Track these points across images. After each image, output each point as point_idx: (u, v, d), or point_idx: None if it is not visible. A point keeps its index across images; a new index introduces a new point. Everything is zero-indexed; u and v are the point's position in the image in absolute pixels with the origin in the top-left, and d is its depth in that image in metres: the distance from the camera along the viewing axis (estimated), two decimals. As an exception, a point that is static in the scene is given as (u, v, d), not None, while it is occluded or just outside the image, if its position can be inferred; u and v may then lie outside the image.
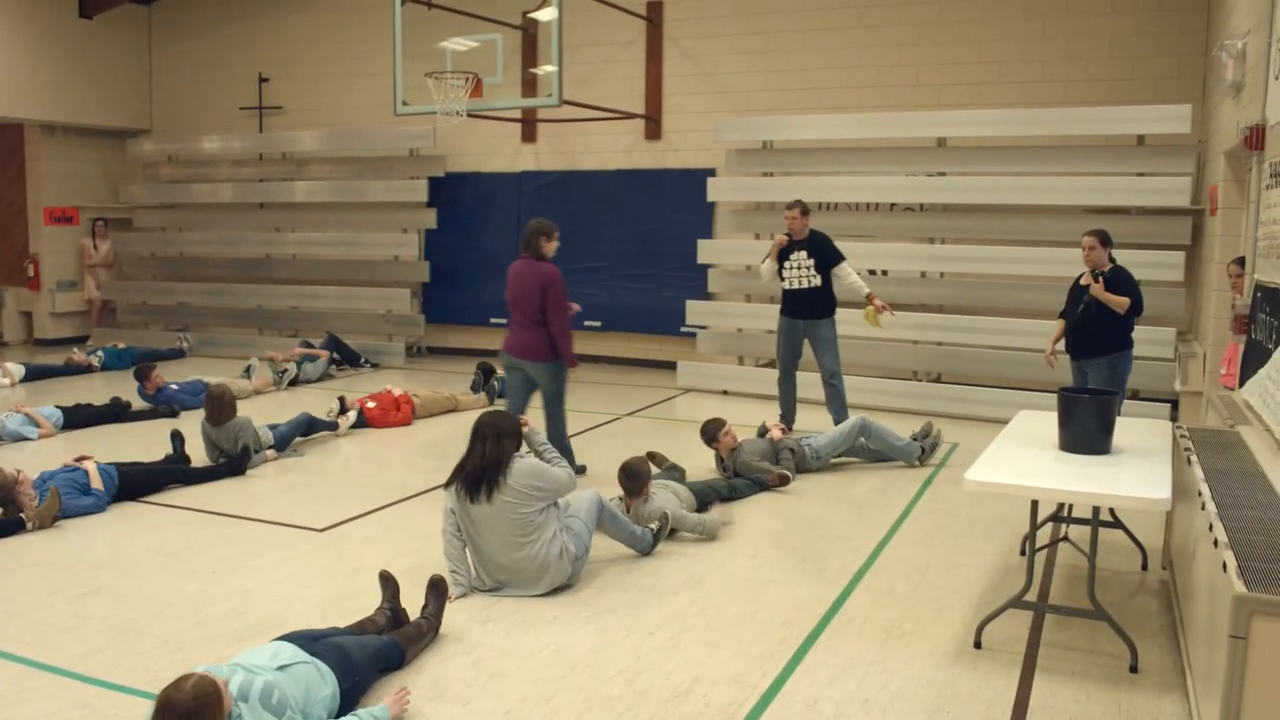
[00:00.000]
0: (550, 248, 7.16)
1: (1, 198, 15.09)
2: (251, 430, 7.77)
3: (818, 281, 8.53)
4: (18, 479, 6.30)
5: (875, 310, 8.44)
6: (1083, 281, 7.09)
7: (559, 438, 7.20)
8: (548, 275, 7.05)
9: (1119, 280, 6.97)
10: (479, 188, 13.59)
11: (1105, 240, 7.04)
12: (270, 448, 7.98)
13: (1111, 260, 7.10)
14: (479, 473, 5.02)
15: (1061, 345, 7.43)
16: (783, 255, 8.61)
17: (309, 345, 12.42)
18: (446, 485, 5.17)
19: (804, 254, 8.54)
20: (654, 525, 5.83)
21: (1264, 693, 2.95)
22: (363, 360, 12.75)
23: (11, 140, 14.83)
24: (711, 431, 7.45)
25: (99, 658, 4.40)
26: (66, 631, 4.68)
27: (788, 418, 8.93)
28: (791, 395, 8.98)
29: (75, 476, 6.58)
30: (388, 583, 4.73)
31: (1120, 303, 6.89)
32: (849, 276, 8.53)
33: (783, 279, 8.68)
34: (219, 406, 7.60)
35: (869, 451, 7.86)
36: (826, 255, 8.52)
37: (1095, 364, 7.10)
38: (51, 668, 4.30)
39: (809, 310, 8.63)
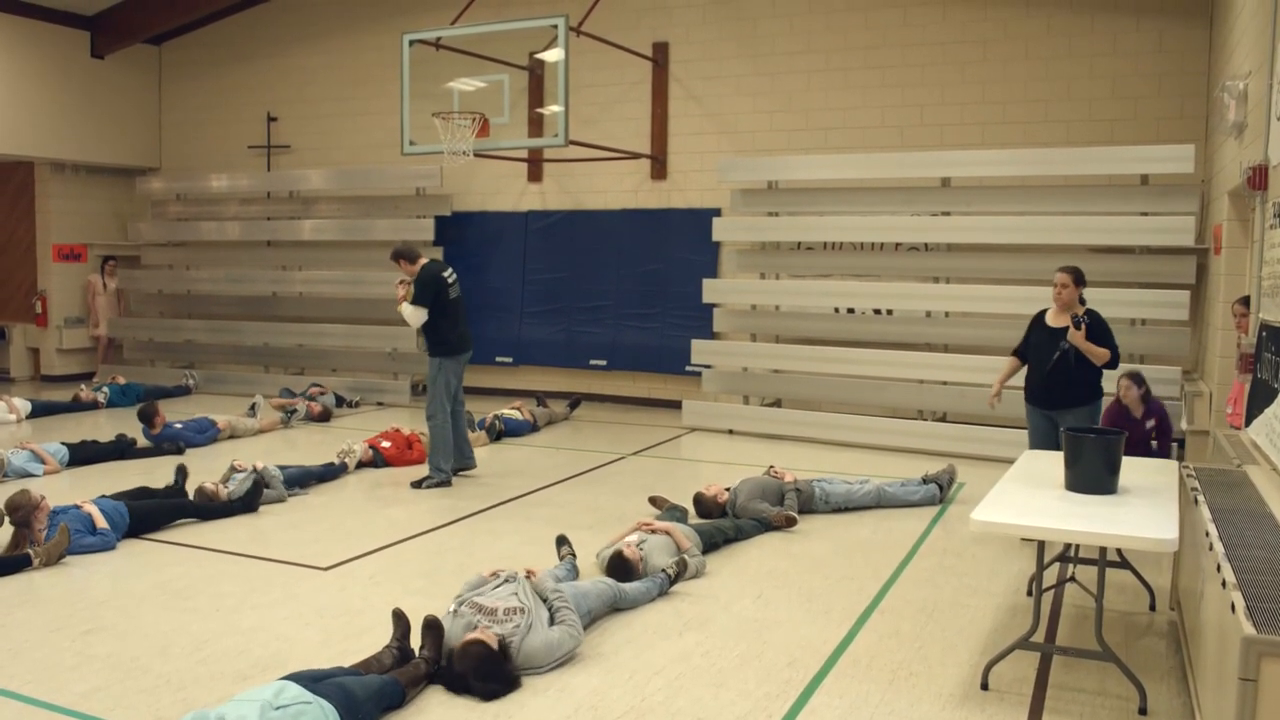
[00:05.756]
0: None
1: (11, 235, 15.20)
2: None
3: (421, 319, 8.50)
4: (39, 504, 6.32)
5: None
6: (1049, 321, 6.78)
7: None
8: None
9: (1098, 328, 6.65)
10: (485, 227, 13.66)
11: (1079, 279, 6.74)
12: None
13: (1082, 301, 6.79)
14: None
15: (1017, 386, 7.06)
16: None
17: (291, 394, 12.36)
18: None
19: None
20: (670, 571, 5.80)
21: (1275, 736, 2.92)
22: (350, 401, 12.72)
23: (22, 178, 14.96)
24: (703, 502, 7.40)
25: (100, 696, 4.38)
26: (69, 669, 4.66)
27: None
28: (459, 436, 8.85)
29: (84, 515, 6.59)
30: (400, 620, 4.70)
31: (1100, 354, 6.56)
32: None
33: None
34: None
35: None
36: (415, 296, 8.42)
37: (1073, 414, 6.58)
38: (53, 706, 4.28)
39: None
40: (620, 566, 5.79)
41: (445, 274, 8.58)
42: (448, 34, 11.29)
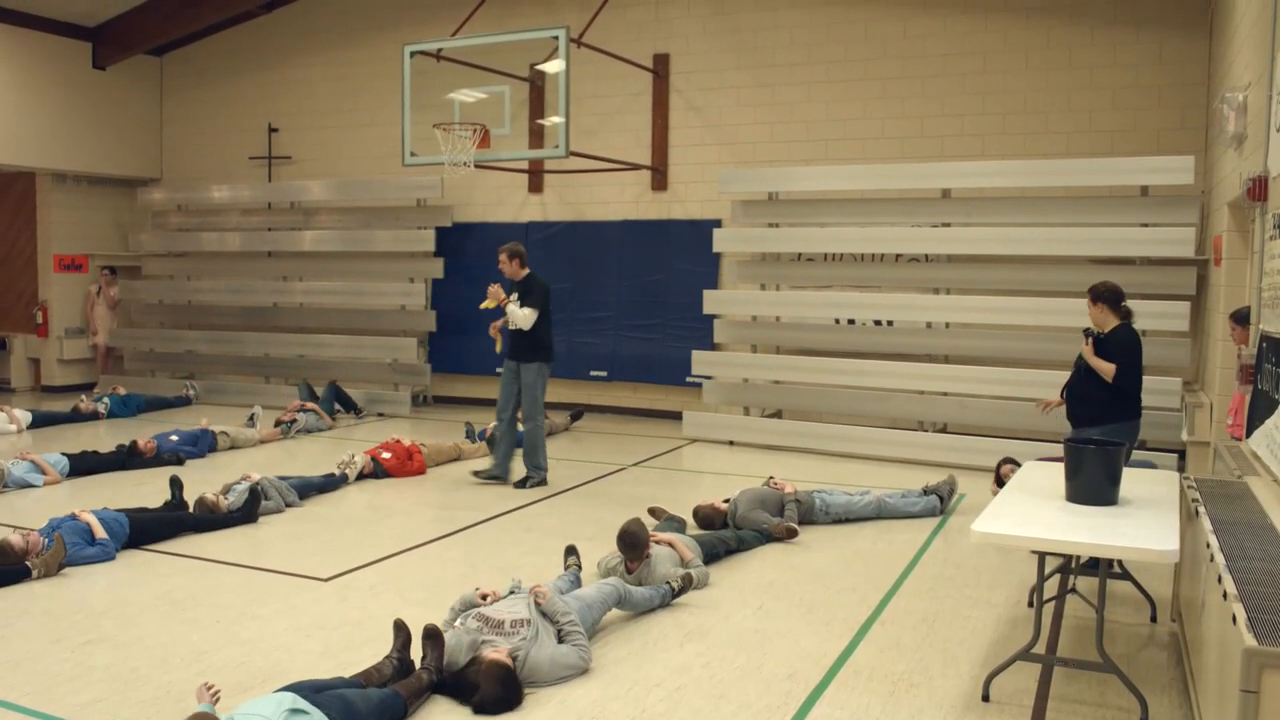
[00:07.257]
0: None
1: (12, 245, 15.21)
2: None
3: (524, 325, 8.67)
4: (27, 547, 6.26)
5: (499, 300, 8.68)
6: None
7: None
8: None
9: (1112, 344, 6.36)
10: (486, 238, 13.64)
11: (1097, 296, 6.44)
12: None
13: (1127, 317, 6.44)
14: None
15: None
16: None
17: (310, 388, 12.37)
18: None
19: (515, 295, 8.76)
20: (675, 584, 5.78)
21: (1276, 748, 2.92)
22: (361, 411, 12.75)
23: (23, 188, 14.99)
24: (702, 514, 7.37)
25: (100, 707, 4.37)
26: (68, 680, 4.65)
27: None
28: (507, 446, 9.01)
29: (82, 525, 6.57)
30: (400, 631, 4.69)
31: (1104, 369, 6.24)
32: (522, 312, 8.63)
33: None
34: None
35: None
36: (526, 299, 8.67)
37: (1092, 434, 6.15)
38: (53, 717, 4.27)
39: (517, 352, 8.87)
40: (631, 539, 5.85)
41: None
42: (449, 45, 11.33)
